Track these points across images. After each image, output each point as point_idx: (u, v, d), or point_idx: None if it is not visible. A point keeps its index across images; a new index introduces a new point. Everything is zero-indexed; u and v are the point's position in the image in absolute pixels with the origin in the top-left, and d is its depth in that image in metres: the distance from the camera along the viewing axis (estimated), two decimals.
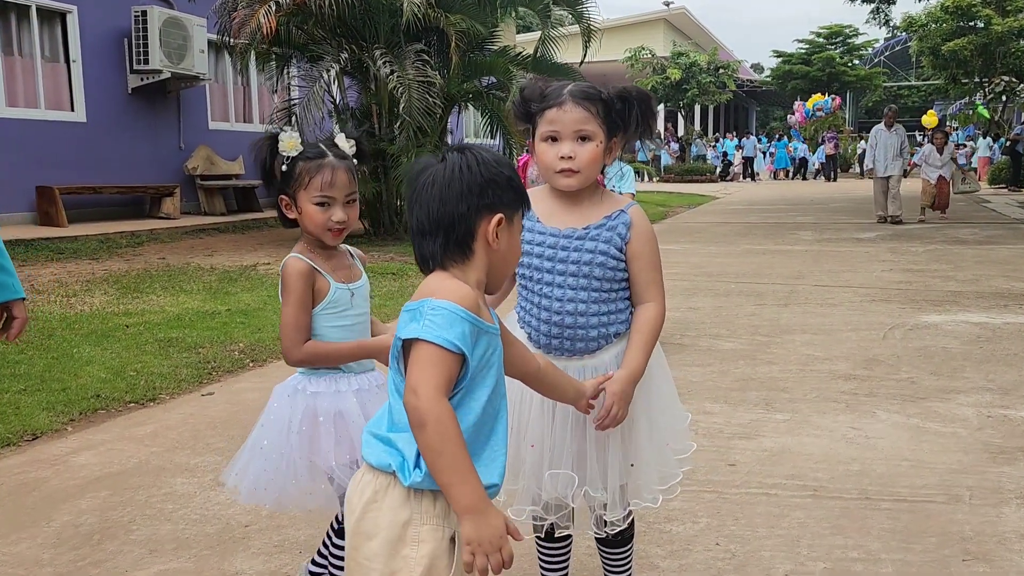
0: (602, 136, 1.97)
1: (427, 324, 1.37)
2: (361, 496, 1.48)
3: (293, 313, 2.04)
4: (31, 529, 2.83)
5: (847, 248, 10.17)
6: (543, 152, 1.97)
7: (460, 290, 1.43)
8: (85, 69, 10.80)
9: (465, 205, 1.47)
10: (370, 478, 1.48)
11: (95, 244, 9.05)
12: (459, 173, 1.47)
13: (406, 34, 9.21)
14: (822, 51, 40.37)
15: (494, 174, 1.49)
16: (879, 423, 3.77)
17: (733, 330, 5.67)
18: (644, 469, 2.05)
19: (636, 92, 2.02)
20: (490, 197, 1.48)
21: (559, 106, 1.95)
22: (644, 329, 1.99)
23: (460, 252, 1.48)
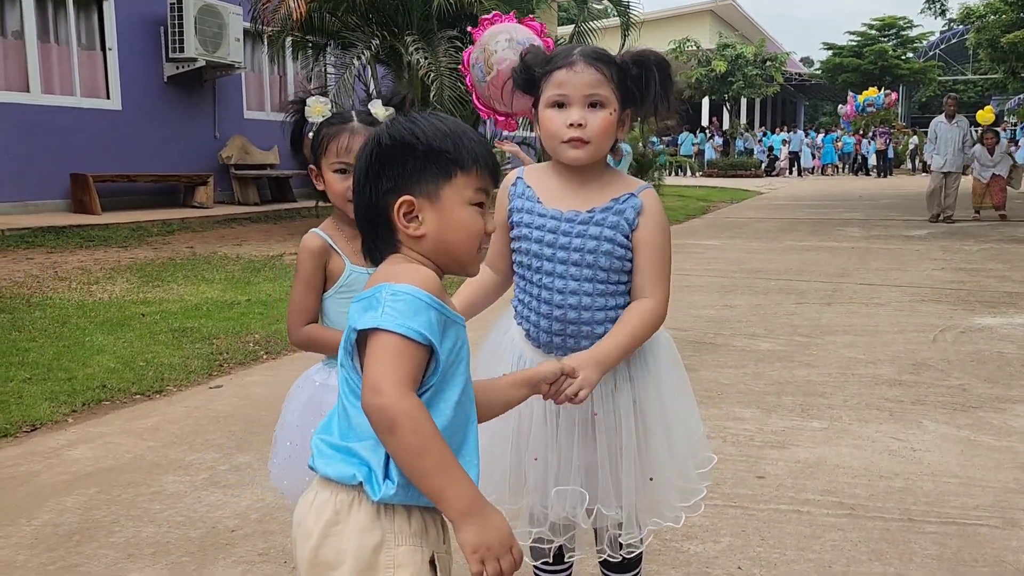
0: (616, 104, 1.73)
1: (387, 312, 1.18)
2: (318, 518, 1.25)
3: (297, 292, 1.91)
4: (10, 527, 2.68)
5: (896, 246, 9.73)
6: (549, 119, 1.73)
7: (420, 272, 1.24)
8: (121, 57, 10.80)
9: (367, 190, 1.29)
10: (327, 495, 1.25)
11: (126, 232, 9.02)
12: (363, 153, 1.30)
13: (439, 20, 9.01)
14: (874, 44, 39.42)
15: (389, 150, 1.28)
16: (926, 434, 3.46)
17: (770, 330, 5.36)
18: (663, 484, 1.82)
19: (654, 56, 1.76)
20: (390, 179, 1.28)
21: (569, 67, 1.71)
22: (631, 317, 1.72)
23: (387, 243, 1.31)
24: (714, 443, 3.36)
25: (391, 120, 1.33)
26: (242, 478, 3.06)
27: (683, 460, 1.87)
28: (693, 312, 5.84)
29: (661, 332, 1.90)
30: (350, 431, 1.25)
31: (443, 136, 1.27)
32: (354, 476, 1.22)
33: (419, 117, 1.30)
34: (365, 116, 1.93)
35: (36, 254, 7.74)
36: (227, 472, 3.13)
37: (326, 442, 1.29)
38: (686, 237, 10.82)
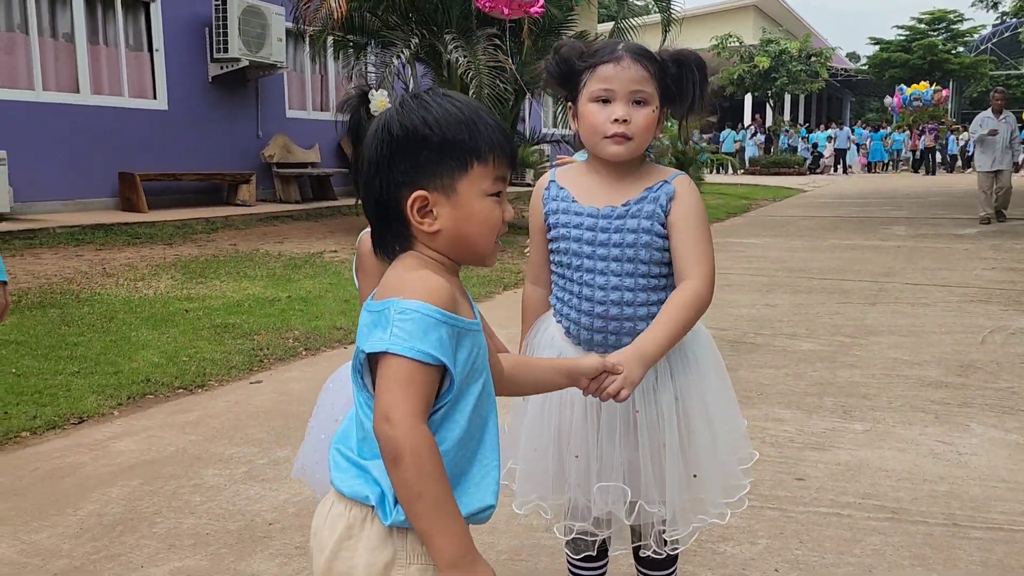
0: (657, 102, 1.73)
1: (395, 333, 1.12)
2: (332, 531, 1.22)
3: (366, 293, 1.89)
4: (56, 517, 2.75)
5: (944, 244, 9.52)
6: (592, 113, 1.72)
7: (429, 283, 1.16)
8: (167, 58, 11.00)
9: (377, 183, 1.21)
10: (341, 509, 1.22)
11: (171, 230, 9.19)
12: (367, 147, 1.22)
13: (479, 18, 9.03)
14: (923, 38, 38.52)
15: (401, 142, 1.19)
16: (973, 438, 3.38)
17: (812, 329, 5.28)
18: (708, 480, 1.81)
19: (693, 56, 1.76)
20: (402, 172, 1.20)
21: (616, 61, 1.71)
22: (673, 307, 1.66)
23: (400, 237, 1.24)
24: (753, 444, 3.30)
25: (401, 104, 1.23)
26: (280, 472, 3.10)
27: (727, 456, 1.86)
28: (733, 311, 5.77)
29: (701, 327, 1.88)
30: (365, 446, 1.22)
31: (458, 124, 1.20)
32: (367, 497, 1.19)
33: (431, 101, 1.21)
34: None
35: (85, 251, 7.93)
36: (265, 466, 3.17)
37: (343, 454, 1.25)
38: (727, 235, 10.71)
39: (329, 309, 5.68)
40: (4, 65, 9.40)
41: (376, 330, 1.15)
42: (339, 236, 9.64)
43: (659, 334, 1.62)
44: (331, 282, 6.64)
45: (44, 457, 3.28)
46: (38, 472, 3.13)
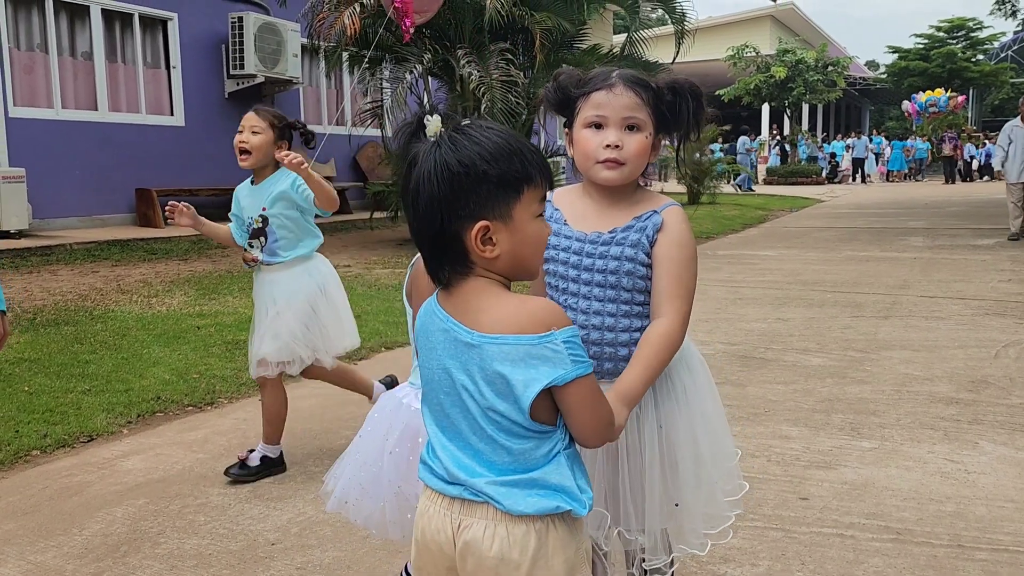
0: (651, 128, 1.74)
1: (575, 359, 1.27)
2: (524, 550, 1.31)
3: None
4: (61, 537, 2.78)
5: (961, 256, 9.42)
6: (586, 139, 1.74)
7: (552, 306, 1.31)
8: (184, 75, 11.14)
9: (438, 221, 1.28)
10: (524, 528, 1.31)
11: (187, 245, 9.28)
12: (425, 182, 1.28)
13: (491, 33, 9.07)
14: (942, 46, 38.24)
15: (463, 179, 1.26)
16: (982, 456, 3.34)
17: (823, 344, 5.24)
18: (690, 510, 1.79)
19: (688, 85, 1.77)
20: (465, 207, 1.27)
21: (608, 88, 1.73)
22: (648, 347, 1.67)
23: (458, 266, 1.32)
24: (758, 462, 3.30)
25: (452, 141, 1.28)
26: (285, 491, 3.12)
27: (711, 487, 1.84)
28: (744, 325, 5.74)
29: (694, 354, 1.88)
30: (516, 463, 1.31)
31: (510, 155, 1.28)
32: (558, 507, 1.31)
33: (480, 136, 1.29)
34: None
35: (102, 267, 8.02)
36: (271, 485, 3.18)
37: (496, 483, 1.31)
38: (742, 247, 10.67)
39: None
40: (24, 84, 9.55)
41: (545, 364, 1.26)
42: (353, 250, 9.69)
43: (636, 375, 1.63)
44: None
45: (53, 476, 3.31)
46: (46, 491, 3.16)
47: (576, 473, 1.34)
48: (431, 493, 1.39)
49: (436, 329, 1.36)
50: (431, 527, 1.37)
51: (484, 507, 1.32)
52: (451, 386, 1.34)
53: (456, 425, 1.35)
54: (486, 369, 1.28)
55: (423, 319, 1.42)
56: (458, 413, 1.34)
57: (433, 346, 1.37)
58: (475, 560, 1.32)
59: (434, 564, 1.39)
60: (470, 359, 1.30)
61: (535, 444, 1.31)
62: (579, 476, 1.35)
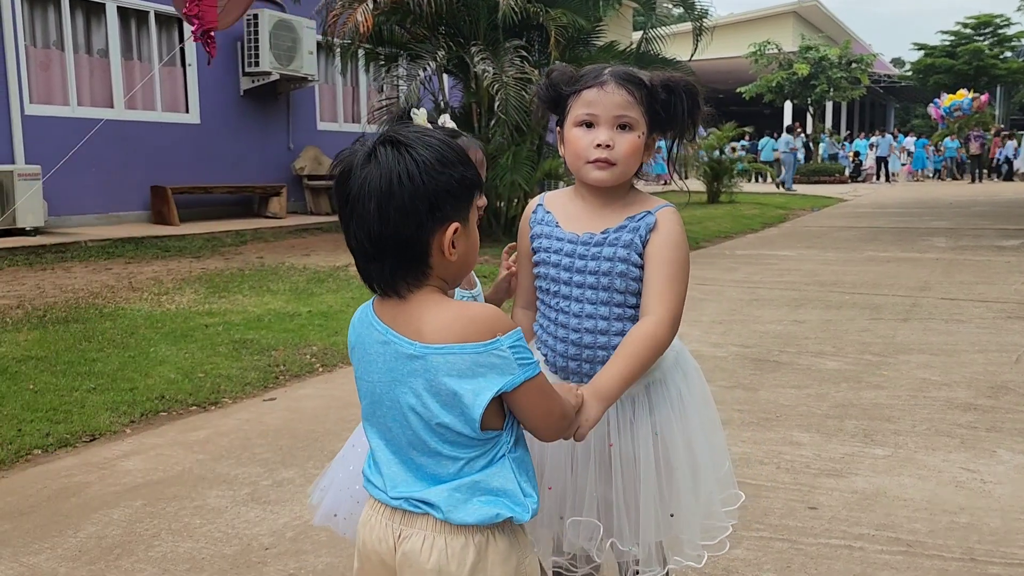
0: (644, 128, 1.68)
1: (522, 363, 1.25)
2: (462, 563, 1.28)
3: None
4: (56, 538, 2.75)
5: (985, 257, 9.24)
6: (576, 139, 1.69)
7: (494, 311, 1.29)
8: (200, 72, 11.17)
9: (413, 225, 1.25)
10: (463, 541, 1.29)
11: (200, 242, 9.29)
12: (399, 185, 1.24)
13: (506, 30, 9.00)
14: (969, 43, 37.68)
15: (442, 181, 1.26)
16: (999, 465, 3.24)
17: (839, 347, 5.13)
18: (686, 520, 1.73)
19: (683, 82, 1.71)
20: (442, 210, 1.27)
21: (600, 86, 1.67)
22: (630, 343, 1.59)
23: (415, 273, 1.29)
24: (766, 470, 3.21)
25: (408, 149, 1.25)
26: (283, 494, 3.08)
27: (708, 496, 1.77)
28: (759, 328, 5.64)
29: (689, 360, 1.82)
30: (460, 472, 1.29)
31: (466, 158, 1.30)
32: (498, 515, 1.29)
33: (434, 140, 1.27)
34: (452, 131, 1.82)
35: (115, 264, 8.04)
36: (269, 488, 3.14)
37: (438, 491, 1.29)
38: (760, 247, 10.53)
39: (347, 324, 5.67)
40: (40, 81, 9.61)
41: (493, 371, 1.24)
42: None
43: (615, 371, 1.56)
44: (353, 296, 6.64)
45: (52, 476, 3.29)
46: (45, 492, 3.14)
47: (520, 477, 1.32)
48: (373, 502, 1.38)
49: (374, 342, 1.32)
50: (372, 537, 1.36)
51: (424, 518, 1.31)
52: (392, 400, 1.29)
53: (397, 440, 1.32)
54: (431, 381, 1.25)
55: (358, 331, 1.37)
56: (399, 428, 1.30)
57: (371, 360, 1.32)
58: (413, 572, 1.31)
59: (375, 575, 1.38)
60: (413, 372, 1.26)
61: (481, 451, 1.29)
62: (523, 480, 1.32)
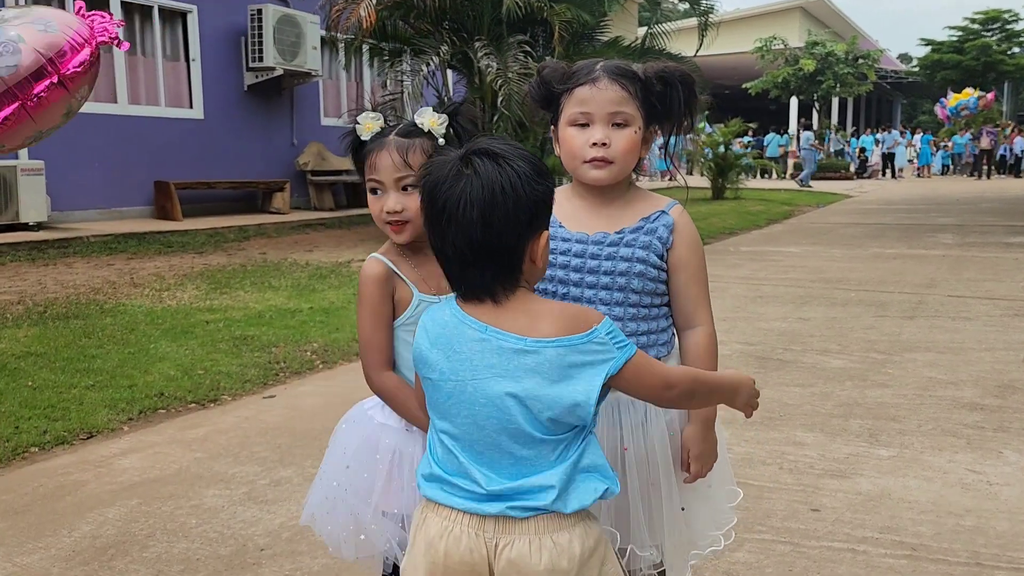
0: (640, 122, 1.64)
1: (621, 344, 1.32)
2: (572, 559, 1.31)
3: (365, 326, 1.70)
4: (50, 538, 2.72)
5: (992, 254, 9.17)
6: (570, 138, 1.65)
7: (584, 307, 1.41)
8: (204, 67, 11.15)
9: (515, 234, 1.31)
10: (567, 536, 1.32)
11: (203, 238, 9.27)
12: (502, 195, 1.29)
13: (510, 25, 8.96)
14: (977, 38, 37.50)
15: (540, 192, 1.32)
16: (1006, 466, 3.19)
17: (845, 345, 5.08)
18: (696, 512, 1.73)
19: (679, 72, 1.67)
20: (539, 219, 1.34)
21: (592, 83, 1.63)
22: (705, 362, 1.69)
23: (510, 278, 1.34)
24: (769, 470, 3.17)
25: (505, 157, 1.30)
26: (280, 494, 3.05)
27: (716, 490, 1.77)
28: (763, 325, 5.59)
29: None
30: (560, 457, 1.32)
31: (547, 168, 1.37)
32: (607, 490, 1.35)
33: (513, 148, 1.34)
34: (406, 127, 1.74)
35: (117, 260, 8.02)
36: (266, 487, 3.11)
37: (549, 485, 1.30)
38: (765, 244, 10.48)
39: (350, 321, 5.64)
40: None
41: (598, 359, 1.30)
42: (369, 244, 9.64)
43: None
44: (354, 292, 6.56)
45: (49, 474, 3.26)
46: (41, 490, 3.11)
47: (600, 452, 1.39)
48: (452, 513, 1.34)
49: (466, 340, 1.33)
50: (458, 549, 1.32)
51: (524, 523, 1.30)
52: (487, 397, 1.31)
53: (493, 437, 1.32)
54: (541, 373, 1.29)
55: (439, 330, 1.36)
56: (495, 424, 1.31)
57: (461, 358, 1.33)
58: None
59: None
60: (521, 366, 1.29)
61: (576, 432, 1.34)
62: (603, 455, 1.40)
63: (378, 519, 1.70)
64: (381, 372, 1.70)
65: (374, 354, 1.70)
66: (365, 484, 1.71)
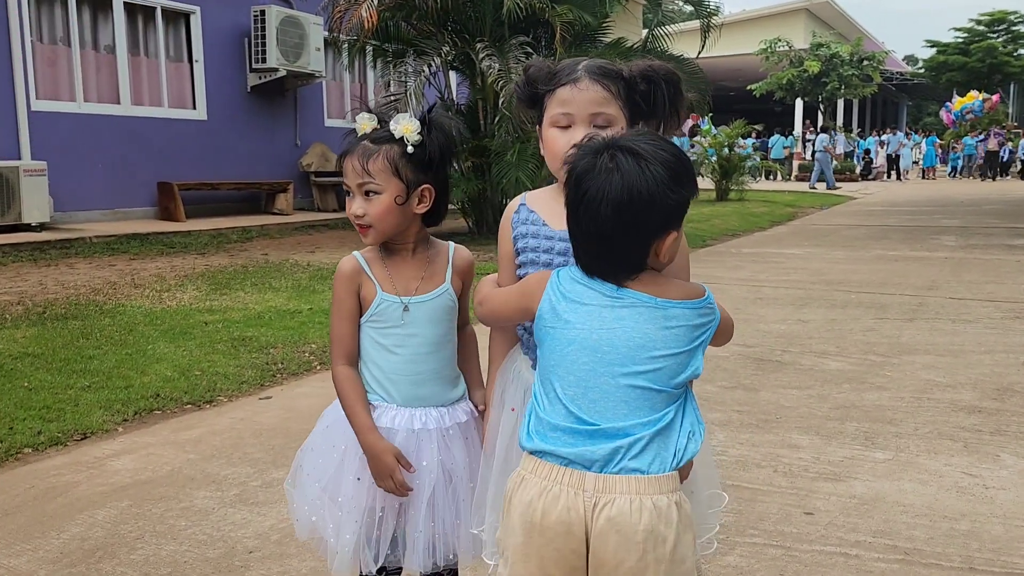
0: (624, 122, 1.62)
1: (715, 308, 1.46)
2: (669, 524, 1.33)
3: (333, 320, 1.81)
4: (39, 540, 2.71)
5: (995, 256, 9.13)
6: (553, 140, 1.64)
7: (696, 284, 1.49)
8: (207, 68, 11.16)
9: (643, 236, 1.38)
10: (666, 500, 1.35)
11: (206, 239, 9.28)
12: (637, 197, 1.34)
13: (512, 26, 8.95)
14: (982, 40, 37.37)
15: (675, 200, 1.37)
16: (1002, 470, 3.17)
17: (843, 347, 5.06)
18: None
19: (663, 70, 1.65)
20: (670, 224, 1.39)
21: (573, 83, 1.61)
22: None
23: (632, 270, 1.42)
24: (763, 473, 3.15)
25: (643, 158, 1.35)
26: (271, 495, 3.03)
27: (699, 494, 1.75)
28: (762, 327, 5.57)
29: None
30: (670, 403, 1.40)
31: (691, 167, 1.41)
32: (692, 432, 1.40)
33: (663, 149, 1.37)
34: (379, 134, 1.76)
35: (119, 261, 8.03)
36: (258, 489, 3.10)
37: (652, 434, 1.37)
38: (767, 245, 10.44)
39: None
40: (47, 77, 9.61)
41: (708, 319, 1.44)
42: None
43: None
44: None
45: (41, 475, 3.26)
46: (32, 491, 3.11)
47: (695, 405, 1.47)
48: (554, 470, 1.36)
49: (598, 295, 1.43)
50: (557, 507, 1.33)
51: (626, 480, 1.32)
52: (611, 345, 1.40)
53: (603, 386, 1.39)
54: (668, 326, 1.39)
55: (567, 288, 1.46)
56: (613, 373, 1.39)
57: (590, 313, 1.42)
58: (620, 538, 1.31)
59: (555, 548, 1.34)
60: (650, 318, 1.39)
61: (682, 393, 1.44)
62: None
63: (325, 503, 1.78)
64: (337, 363, 1.80)
65: (335, 345, 1.82)
66: (318, 468, 1.82)
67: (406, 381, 1.78)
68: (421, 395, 1.79)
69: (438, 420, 1.79)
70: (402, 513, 1.77)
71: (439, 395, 1.81)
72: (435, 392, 1.80)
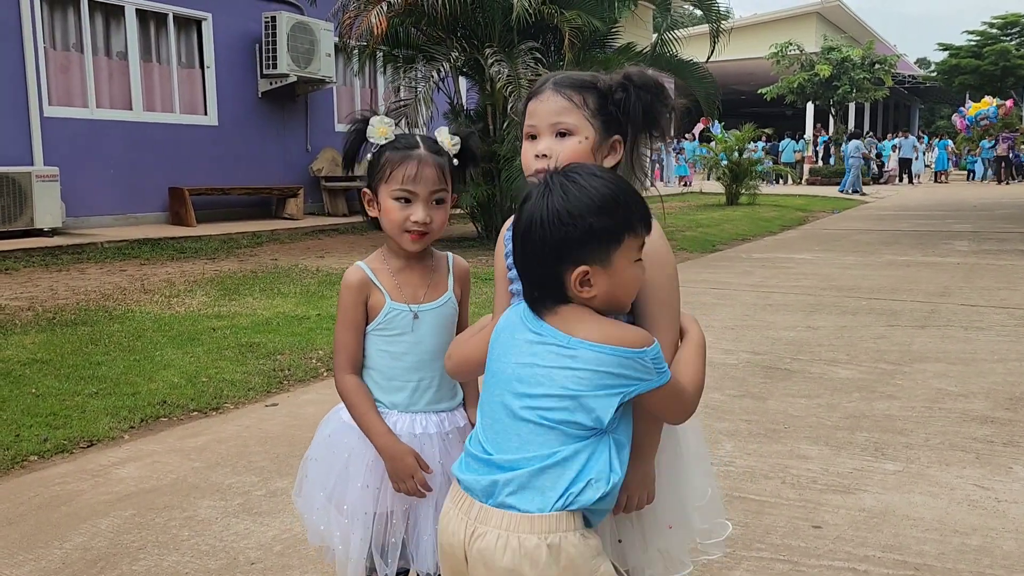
0: (590, 131, 1.58)
1: (663, 370, 1.37)
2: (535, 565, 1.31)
3: (337, 329, 1.82)
4: (41, 550, 2.71)
5: (1008, 261, 9.05)
6: (523, 152, 1.64)
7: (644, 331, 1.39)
8: (218, 74, 11.20)
9: (544, 262, 1.36)
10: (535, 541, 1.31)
11: (216, 244, 9.30)
12: (537, 227, 1.35)
13: (521, 32, 8.94)
14: (995, 43, 37.08)
15: (571, 229, 1.33)
16: (1015, 482, 3.12)
17: (853, 355, 5.01)
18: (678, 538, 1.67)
19: (639, 78, 1.60)
20: (569, 254, 1.35)
21: (537, 96, 1.62)
22: None
23: (556, 298, 1.39)
24: (771, 484, 3.12)
25: (564, 189, 1.33)
26: (275, 505, 3.02)
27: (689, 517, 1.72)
28: (771, 334, 5.53)
29: None
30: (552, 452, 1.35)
31: (615, 206, 1.34)
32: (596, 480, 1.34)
33: (588, 185, 1.34)
34: (431, 144, 1.80)
35: (129, 266, 8.06)
36: (262, 498, 3.09)
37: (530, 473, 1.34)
38: (777, 250, 10.39)
39: None
40: (59, 83, 9.67)
41: (639, 374, 1.34)
42: None
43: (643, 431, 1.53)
44: None
45: (46, 483, 3.26)
46: (36, 500, 3.11)
47: (614, 454, 1.37)
48: (457, 494, 1.41)
49: (524, 331, 1.41)
50: (448, 528, 1.39)
51: (499, 514, 1.32)
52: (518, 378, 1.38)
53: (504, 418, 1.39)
54: (570, 367, 1.33)
55: (506, 321, 1.47)
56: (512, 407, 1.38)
57: (513, 346, 1.41)
58: (486, 571, 1.33)
59: (449, 566, 1.42)
60: (554, 353, 1.35)
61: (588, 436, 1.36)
62: (616, 457, 1.37)
63: (331, 512, 1.80)
64: (343, 373, 1.81)
65: (340, 355, 1.82)
66: (322, 477, 1.83)
67: (409, 387, 1.81)
68: (422, 401, 1.82)
69: (438, 425, 1.81)
70: (410, 516, 1.79)
71: (439, 401, 1.83)
72: (436, 398, 1.83)
